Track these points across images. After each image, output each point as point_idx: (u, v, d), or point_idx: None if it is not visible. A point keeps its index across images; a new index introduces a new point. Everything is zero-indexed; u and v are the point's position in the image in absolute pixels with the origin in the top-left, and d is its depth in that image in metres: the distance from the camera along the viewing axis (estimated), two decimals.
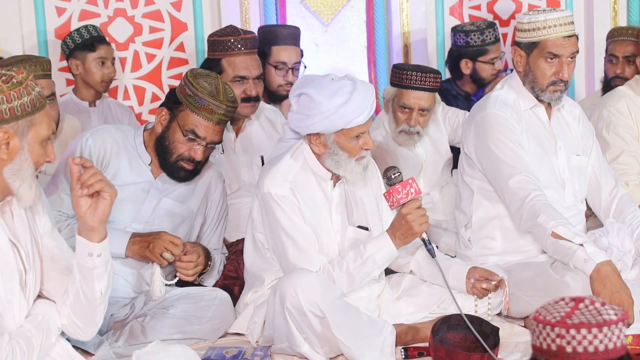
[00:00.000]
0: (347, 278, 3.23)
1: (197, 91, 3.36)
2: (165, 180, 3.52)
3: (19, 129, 2.42)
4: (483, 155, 3.57)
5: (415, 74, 4.17)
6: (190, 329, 3.39)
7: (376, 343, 3.11)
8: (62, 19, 4.97)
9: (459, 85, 5.00)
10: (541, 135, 3.63)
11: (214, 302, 3.46)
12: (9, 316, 2.52)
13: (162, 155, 3.46)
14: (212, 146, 3.46)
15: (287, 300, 3.08)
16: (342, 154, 3.21)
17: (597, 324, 1.60)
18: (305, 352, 3.15)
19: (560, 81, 3.54)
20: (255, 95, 4.06)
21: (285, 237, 3.22)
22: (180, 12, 5.14)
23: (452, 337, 3.20)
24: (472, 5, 5.49)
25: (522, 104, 3.61)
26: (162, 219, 3.51)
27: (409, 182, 3.21)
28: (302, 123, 3.20)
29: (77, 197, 2.50)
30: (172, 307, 3.40)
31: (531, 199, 3.38)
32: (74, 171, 2.50)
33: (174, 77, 5.17)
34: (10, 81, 2.41)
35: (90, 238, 2.53)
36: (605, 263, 3.22)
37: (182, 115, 3.39)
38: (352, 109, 3.14)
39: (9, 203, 2.53)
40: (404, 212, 3.20)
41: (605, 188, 3.74)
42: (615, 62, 4.74)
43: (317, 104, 3.14)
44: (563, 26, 3.50)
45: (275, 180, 3.24)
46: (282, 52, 4.49)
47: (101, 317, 2.68)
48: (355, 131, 3.19)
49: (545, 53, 3.51)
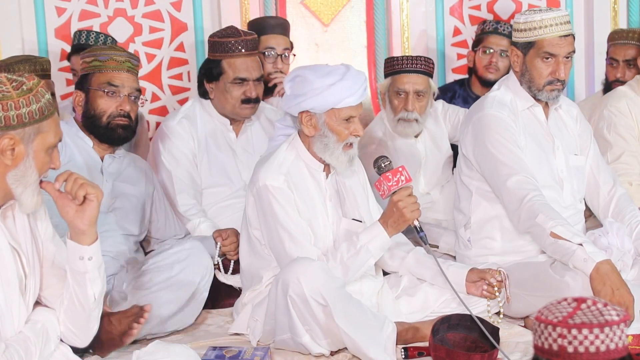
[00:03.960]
0: (341, 268, 3.23)
1: (95, 52, 3.57)
2: (110, 161, 3.63)
3: (25, 136, 2.42)
4: (481, 156, 3.57)
5: (406, 58, 4.23)
6: (169, 274, 3.43)
7: (379, 338, 3.11)
8: (62, 19, 4.97)
9: (470, 87, 5.00)
10: (539, 134, 3.63)
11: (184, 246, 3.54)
12: (7, 322, 2.52)
13: (94, 127, 3.57)
14: (137, 97, 3.59)
15: (290, 289, 3.08)
16: (331, 136, 3.25)
17: (599, 325, 1.60)
18: (306, 342, 3.14)
19: (557, 80, 3.54)
20: (256, 97, 4.06)
21: (282, 230, 3.23)
22: (180, 12, 5.14)
23: (452, 337, 3.20)
24: (472, 5, 5.49)
25: (520, 104, 3.61)
26: (122, 202, 3.62)
27: (399, 170, 3.23)
28: (294, 101, 3.26)
29: (63, 204, 2.52)
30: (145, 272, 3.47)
31: (529, 199, 3.38)
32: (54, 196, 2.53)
33: (174, 77, 5.17)
34: (20, 88, 2.41)
35: (81, 241, 2.54)
36: (604, 262, 3.23)
37: (94, 81, 3.54)
38: (343, 87, 3.21)
39: (11, 207, 2.53)
40: (395, 199, 3.22)
41: (603, 187, 3.74)
42: (616, 65, 4.69)
43: (309, 82, 3.23)
44: (559, 25, 3.50)
45: (270, 172, 3.26)
46: (271, 40, 4.50)
47: (96, 322, 2.67)
48: (345, 112, 3.23)
49: (542, 53, 3.52)
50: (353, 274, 3.27)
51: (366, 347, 3.08)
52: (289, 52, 4.55)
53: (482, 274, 3.42)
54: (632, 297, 3.19)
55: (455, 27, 5.48)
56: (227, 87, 4.04)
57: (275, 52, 4.50)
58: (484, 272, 3.42)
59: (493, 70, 4.88)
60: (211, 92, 4.11)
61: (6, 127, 2.39)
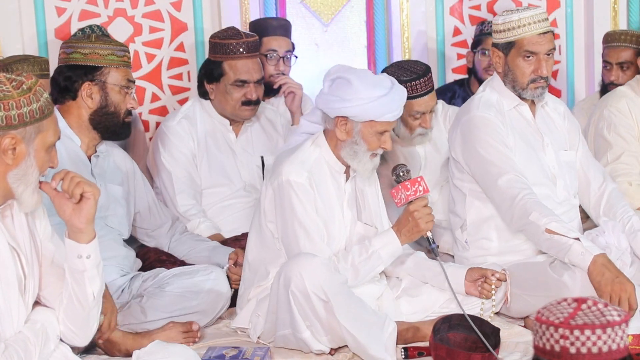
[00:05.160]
0: (352, 271, 3.24)
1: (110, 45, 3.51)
2: (95, 161, 3.57)
3: (26, 135, 2.42)
4: (470, 158, 3.58)
5: (418, 82, 4.08)
6: (189, 304, 3.45)
7: (380, 336, 3.11)
8: (62, 19, 4.96)
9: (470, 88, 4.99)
10: (527, 133, 3.64)
11: (209, 276, 3.53)
12: (7, 322, 2.51)
13: (108, 123, 3.51)
14: None
15: (291, 284, 3.08)
16: (362, 145, 3.24)
17: (601, 325, 1.60)
18: (306, 338, 3.14)
19: (540, 78, 3.56)
20: (256, 99, 4.07)
21: (299, 227, 3.22)
22: (180, 12, 5.13)
23: (453, 337, 3.20)
24: (472, 5, 5.48)
25: (506, 104, 3.63)
26: (115, 205, 3.60)
27: (418, 180, 3.25)
28: (335, 105, 3.22)
29: (60, 203, 2.51)
30: (168, 285, 3.45)
31: (521, 197, 3.39)
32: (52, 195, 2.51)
33: (174, 77, 5.16)
34: (21, 87, 2.41)
35: (79, 240, 2.53)
36: (601, 255, 3.25)
37: (111, 76, 3.48)
38: (388, 103, 3.20)
39: (10, 206, 2.53)
40: (412, 209, 3.23)
41: (593, 183, 3.75)
42: (610, 68, 4.66)
43: (355, 89, 3.19)
44: (537, 23, 3.52)
45: (294, 167, 3.24)
46: (273, 42, 4.50)
47: (95, 321, 2.67)
48: (382, 126, 3.23)
49: (523, 52, 3.54)
50: (362, 279, 3.27)
51: (367, 345, 3.08)
52: (290, 54, 4.55)
53: (482, 271, 3.42)
54: (633, 284, 3.20)
55: (455, 27, 5.48)
56: (227, 88, 4.04)
57: (277, 54, 4.49)
58: (485, 270, 3.43)
59: (492, 72, 4.87)
60: (211, 92, 4.11)
61: (7, 127, 2.38)
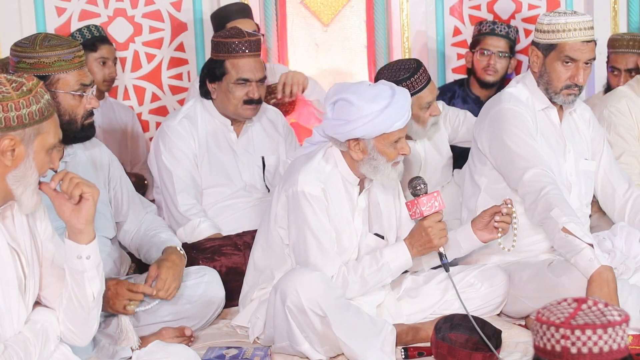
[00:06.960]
0: (360, 282, 3.22)
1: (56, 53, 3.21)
2: (63, 167, 3.33)
3: (26, 137, 2.41)
4: (497, 150, 3.57)
5: (417, 76, 4.05)
6: (181, 308, 3.42)
7: (376, 342, 3.11)
8: (62, 19, 4.97)
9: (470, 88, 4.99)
10: (551, 137, 3.63)
11: (202, 279, 3.51)
12: (7, 323, 2.51)
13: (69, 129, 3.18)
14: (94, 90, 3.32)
15: (288, 299, 3.08)
16: (380, 158, 3.19)
17: (602, 325, 1.60)
18: (305, 350, 3.15)
19: (574, 85, 3.55)
20: (258, 98, 4.07)
21: (311, 237, 3.19)
22: (180, 12, 5.13)
23: (454, 337, 3.20)
24: (472, 5, 5.48)
25: (535, 104, 3.62)
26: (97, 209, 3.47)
27: (434, 195, 3.21)
28: (342, 129, 3.17)
29: (59, 203, 2.51)
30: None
31: (547, 192, 3.36)
32: (51, 196, 2.51)
33: (174, 77, 5.17)
34: (21, 89, 2.41)
35: (78, 240, 2.53)
36: (608, 268, 3.19)
37: (61, 83, 3.21)
38: (393, 112, 3.14)
39: (10, 207, 2.52)
40: (426, 224, 3.21)
41: (618, 190, 3.74)
42: (617, 74, 4.66)
43: (357, 109, 3.13)
44: (583, 30, 3.50)
45: (309, 178, 3.21)
46: (238, 25, 4.50)
47: (95, 321, 2.66)
48: (394, 136, 3.18)
49: (563, 56, 3.52)
50: (369, 289, 3.27)
51: (363, 356, 3.09)
52: (257, 31, 4.63)
53: (489, 211, 3.32)
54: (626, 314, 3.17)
55: (455, 27, 5.48)
56: (230, 87, 4.04)
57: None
58: (490, 209, 3.33)
59: (491, 72, 4.88)
60: (213, 92, 4.11)
61: (6, 128, 2.38)
